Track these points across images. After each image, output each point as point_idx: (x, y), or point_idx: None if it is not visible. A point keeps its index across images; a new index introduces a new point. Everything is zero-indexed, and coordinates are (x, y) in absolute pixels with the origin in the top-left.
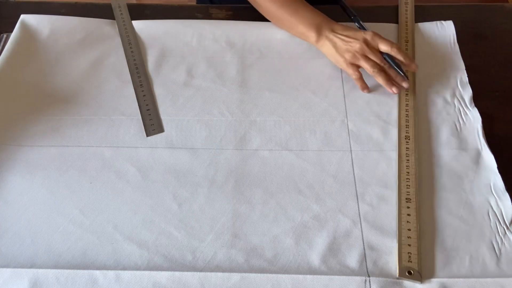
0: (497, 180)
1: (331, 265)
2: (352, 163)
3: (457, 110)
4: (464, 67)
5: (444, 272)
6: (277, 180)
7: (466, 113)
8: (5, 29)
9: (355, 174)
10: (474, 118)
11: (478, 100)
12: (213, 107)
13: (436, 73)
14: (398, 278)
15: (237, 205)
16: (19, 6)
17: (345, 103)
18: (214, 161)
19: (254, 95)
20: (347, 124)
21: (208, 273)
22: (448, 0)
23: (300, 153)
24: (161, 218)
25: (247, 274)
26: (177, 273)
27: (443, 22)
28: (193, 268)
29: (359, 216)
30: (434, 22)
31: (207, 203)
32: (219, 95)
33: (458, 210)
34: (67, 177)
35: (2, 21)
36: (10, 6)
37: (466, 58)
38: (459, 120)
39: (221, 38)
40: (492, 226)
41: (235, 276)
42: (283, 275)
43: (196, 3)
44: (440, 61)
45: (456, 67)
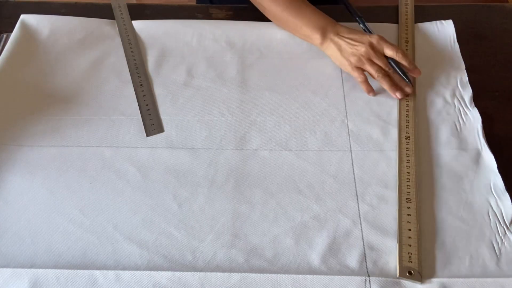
0: (497, 180)
1: (331, 265)
2: (352, 163)
3: (457, 110)
4: (464, 67)
5: (444, 272)
6: (277, 180)
7: (466, 113)
8: (5, 29)
9: (355, 174)
10: (474, 118)
11: (478, 100)
12: (213, 107)
13: (436, 73)
14: (398, 278)
15: (237, 205)
16: (19, 6)
17: (345, 103)
18: (214, 161)
19: (254, 95)
20: (347, 124)
21: (208, 273)
22: (448, 0)
23: (300, 153)
24: (161, 218)
25: (247, 274)
26: (177, 273)
27: (443, 21)
28: (193, 268)
29: (359, 216)
30: (434, 22)
31: (207, 203)
32: (219, 95)
33: (458, 210)
34: (67, 177)
35: (2, 21)
36: (10, 6)
37: (466, 58)
38: (459, 120)
39: (221, 38)
40: (492, 226)
41: (235, 276)
42: (283, 275)
43: (196, 3)
44: (440, 61)
45: (456, 67)
